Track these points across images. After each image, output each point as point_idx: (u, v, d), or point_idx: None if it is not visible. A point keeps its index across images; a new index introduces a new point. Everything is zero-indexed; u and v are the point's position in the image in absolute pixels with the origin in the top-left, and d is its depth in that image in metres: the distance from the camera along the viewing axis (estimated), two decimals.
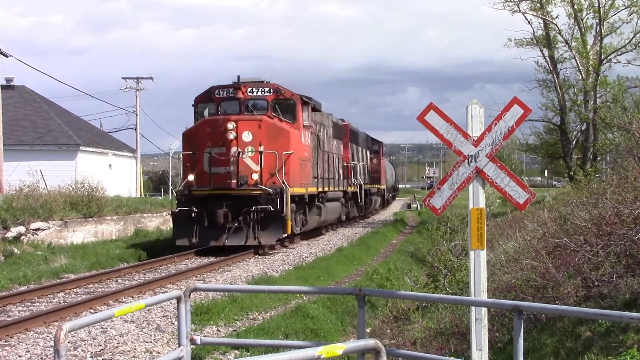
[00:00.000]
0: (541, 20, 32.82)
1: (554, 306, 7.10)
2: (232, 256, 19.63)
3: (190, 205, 20.58)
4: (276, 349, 8.12)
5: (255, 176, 20.57)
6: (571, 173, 28.33)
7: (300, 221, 23.36)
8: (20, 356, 9.16)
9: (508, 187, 6.85)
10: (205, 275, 16.61)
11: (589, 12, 31.97)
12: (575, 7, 31.65)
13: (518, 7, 32.31)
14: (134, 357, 9.20)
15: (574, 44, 32.37)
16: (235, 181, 20.64)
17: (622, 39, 31.86)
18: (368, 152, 41.95)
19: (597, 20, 31.65)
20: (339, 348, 3.87)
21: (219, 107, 22.42)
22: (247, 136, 20.92)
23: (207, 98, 22.73)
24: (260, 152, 20.69)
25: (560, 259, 9.56)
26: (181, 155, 22.37)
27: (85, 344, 9.64)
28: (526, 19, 32.89)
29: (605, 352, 6.98)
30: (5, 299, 12.87)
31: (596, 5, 31.31)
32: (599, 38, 31.57)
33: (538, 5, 32.23)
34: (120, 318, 10.90)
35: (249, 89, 22.15)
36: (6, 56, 30.09)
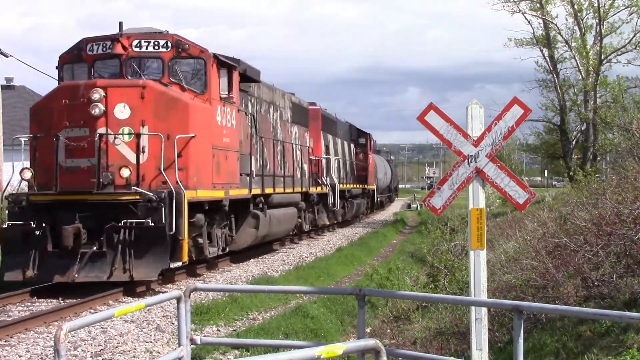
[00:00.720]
0: (541, 20, 32.86)
1: (554, 306, 7.11)
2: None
3: (27, 218, 13.42)
4: (276, 349, 8.12)
5: (126, 172, 13.41)
6: (571, 173, 28.36)
7: (221, 238, 16.46)
8: (20, 356, 9.16)
9: (508, 187, 6.86)
10: (205, 275, 16.61)
11: (588, 12, 32.02)
12: (575, 7, 31.68)
13: (518, 8, 32.35)
14: (134, 357, 9.20)
15: (573, 44, 32.40)
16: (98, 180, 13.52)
17: (622, 38, 31.93)
18: (352, 146, 35.43)
19: (597, 20, 31.68)
20: (339, 348, 3.87)
21: (92, 70, 15.13)
22: (122, 111, 13.83)
23: (75, 57, 15.35)
24: (138, 135, 13.69)
25: (560, 259, 9.57)
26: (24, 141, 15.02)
27: (85, 344, 9.65)
28: (526, 19, 32.95)
29: (605, 352, 6.98)
30: (5, 299, 12.87)
31: (596, 5, 31.34)
32: (599, 38, 31.59)
33: (538, 5, 32.25)
34: (120, 318, 10.90)
35: (134, 42, 14.86)
36: (6, 56, 30.06)
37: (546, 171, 57.01)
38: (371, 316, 13.08)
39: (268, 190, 19.39)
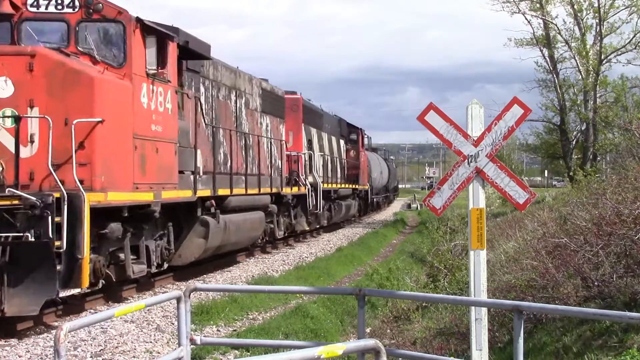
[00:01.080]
0: (541, 21, 32.85)
1: (554, 306, 7.12)
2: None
3: None
4: (276, 349, 8.12)
5: None
6: (571, 173, 28.37)
7: (156, 253, 13.16)
8: (20, 356, 9.16)
9: (508, 187, 6.87)
10: (205, 275, 16.61)
11: (588, 12, 32.01)
12: (575, 7, 31.67)
13: (518, 8, 32.32)
14: (134, 357, 9.21)
15: (573, 44, 32.40)
16: None
17: (622, 38, 31.93)
18: (341, 142, 32.44)
19: (597, 20, 31.67)
20: (339, 348, 3.87)
21: None
22: (2, 87, 10.77)
23: None
24: (17, 118, 10.69)
25: (560, 259, 9.56)
26: None
27: (85, 344, 9.65)
28: (526, 19, 32.92)
29: (605, 352, 6.98)
30: None
31: (596, 5, 31.33)
32: (599, 38, 31.59)
33: (537, 5, 32.25)
34: (120, 318, 10.89)
35: (30, 0, 11.70)
36: None
37: (546, 171, 57.06)
38: (371, 316, 13.08)
39: (222, 192, 15.97)
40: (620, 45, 31.95)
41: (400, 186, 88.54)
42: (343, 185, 31.28)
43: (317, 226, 26.96)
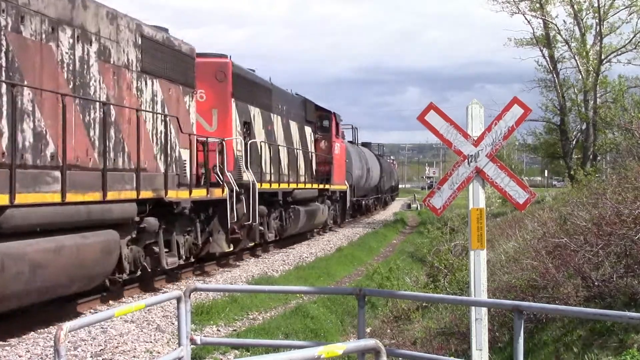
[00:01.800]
0: (541, 20, 32.85)
1: (554, 306, 7.12)
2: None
3: None
4: (276, 349, 8.12)
5: None
6: (572, 172, 28.37)
7: None
8: (20, 356, 9.15)
9: (508, 187, 6.86)
10: (205, 276, 16.60)
11: (588, 12, 32.01)
12: (575, 7, 31.67)
13: (517, 8, 32.33)
14: (134, 357, 9.21)
15: (573, 44, 32.40)
16: None
17: (622, 38, 31.93)
18: (307, 129, 25.59)
19: (596, 20, 31.68)
20: (339, 348, 3.87)
21: None
22: None
23: None
24: None
25: (560, 259, 9.56)
26: None
27: (85, 344, 9.64)
28: (525, 19, 32.93)
29: (605, 352, 6.98)
30: None
31: (596, 5, 31.34)
32: (598, 38, 31.59)
33: (537, 5, 32.25)
34: (120, 318, 10.89)
35: None
36: None
37: (546, 171, 57.09)
38: (371, 316, 13.08)
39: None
40: (620, 45, 31.96)
41: (400, 186, 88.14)
42: (303, 185, 23.63)
43: (251, 244, 19.26)
